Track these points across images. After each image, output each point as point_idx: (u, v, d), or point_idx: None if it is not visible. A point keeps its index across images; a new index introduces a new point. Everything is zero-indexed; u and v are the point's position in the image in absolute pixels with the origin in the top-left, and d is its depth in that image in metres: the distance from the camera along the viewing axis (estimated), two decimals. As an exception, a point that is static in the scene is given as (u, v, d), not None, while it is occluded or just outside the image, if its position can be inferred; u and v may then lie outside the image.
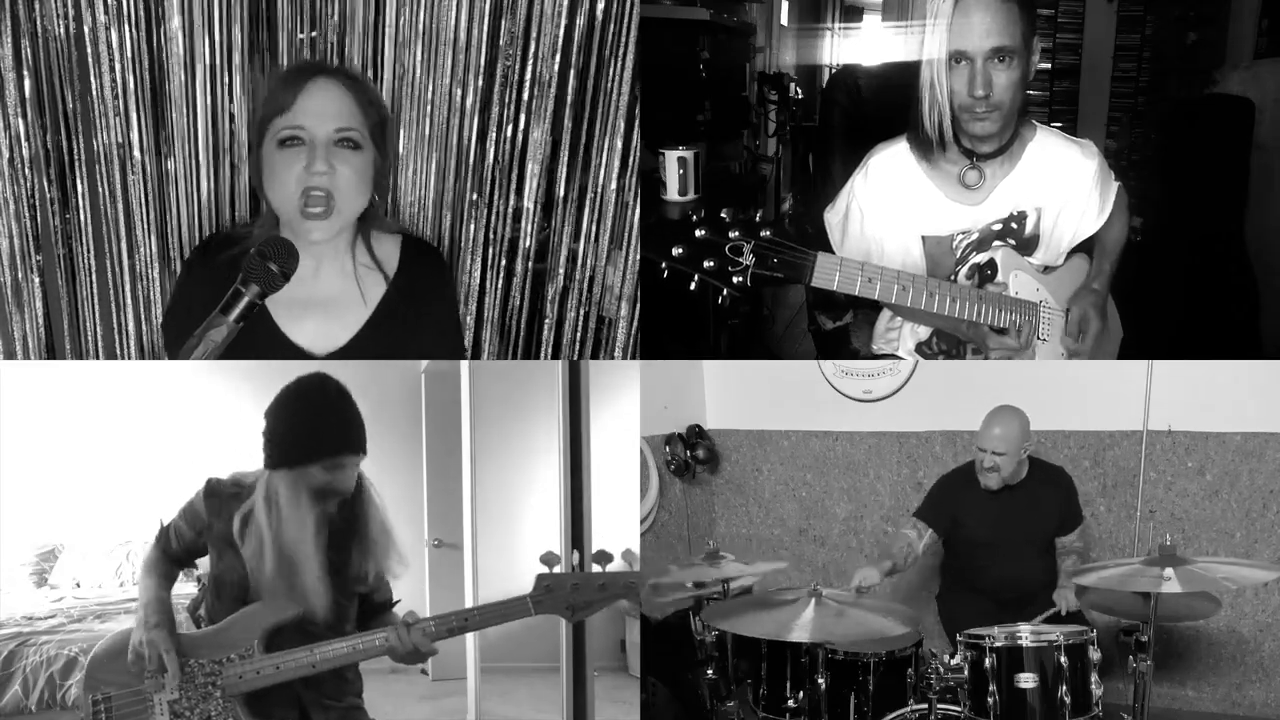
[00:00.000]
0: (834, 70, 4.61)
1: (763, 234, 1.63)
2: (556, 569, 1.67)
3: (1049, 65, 4.56)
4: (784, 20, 4.89)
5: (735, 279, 1.62)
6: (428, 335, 1.91)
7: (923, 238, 2.08)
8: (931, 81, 1.93)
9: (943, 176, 2.06)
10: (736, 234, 1.62)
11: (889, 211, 2.08)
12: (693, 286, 1.63)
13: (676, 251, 1.60)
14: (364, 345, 1.84)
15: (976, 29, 1.85)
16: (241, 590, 1.69)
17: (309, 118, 1.69)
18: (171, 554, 1.80)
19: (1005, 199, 2.08)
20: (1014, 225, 2.09)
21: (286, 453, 1.67)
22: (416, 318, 1.89)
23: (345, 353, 1.83)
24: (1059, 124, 3.31)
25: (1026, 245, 2.12)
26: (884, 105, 2.65)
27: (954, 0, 1.86)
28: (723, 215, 1.62)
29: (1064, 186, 2.10)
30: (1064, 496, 2.74)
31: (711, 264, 1.61)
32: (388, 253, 1.90)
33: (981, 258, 2.09)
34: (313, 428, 1.67)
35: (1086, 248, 2.22)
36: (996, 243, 2.09)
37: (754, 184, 3.95)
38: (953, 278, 2.09)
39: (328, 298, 1.84)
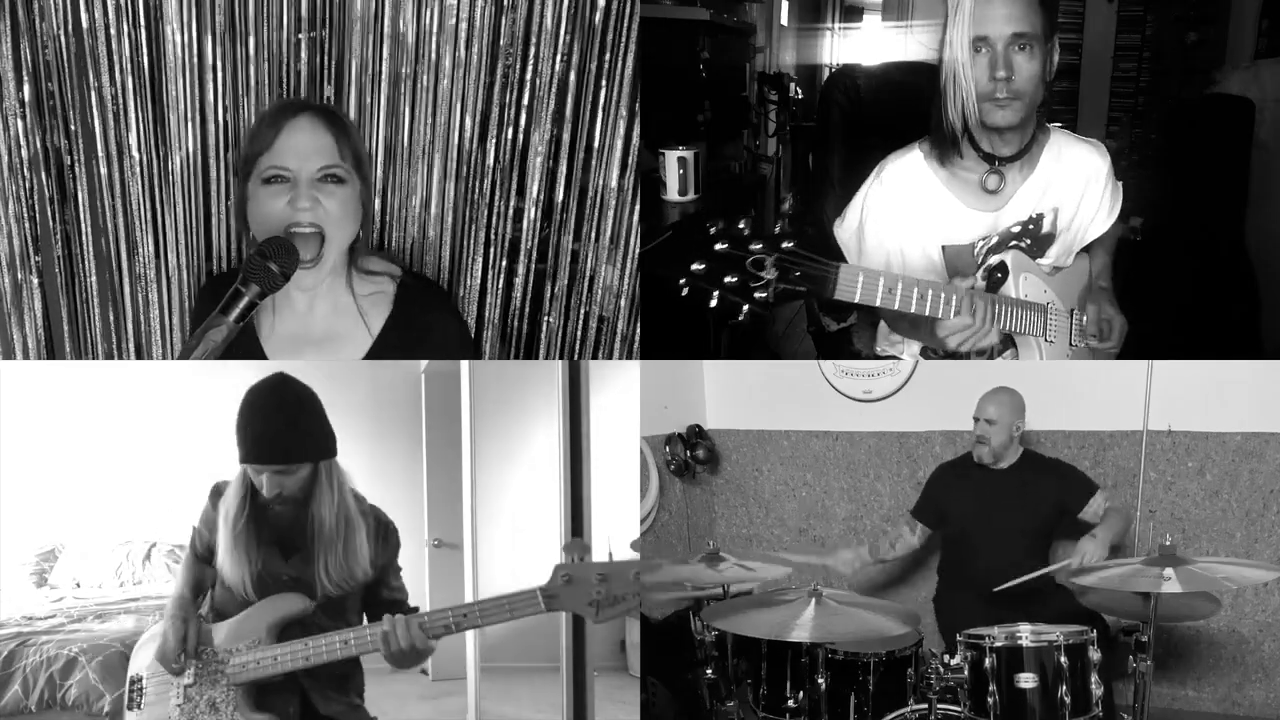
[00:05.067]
0: (832, 70, 4.60)
1: (785, 245, 1.57)
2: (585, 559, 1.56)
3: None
4: (784, 20, 4.88)
5: (758, 294, 1.55)
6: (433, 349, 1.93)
7: (943, 247, 2.06)
8: (955, 73, 1.93)
9: (961, 184, 2.05)
10: (758, 246, 1.54)
11: (908, 222, 2.05)
12: (713, 304, 1.55)
13: (696, 267, 1.53)
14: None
15: (998, 14, 1.87)
16: (256, 577, 1.74)
17: (292, 157, 1.71)
18: (200, 555, 1.86)
19: (1024, 203, 2.07)
20: (1031, 226, 2.09)
21: (241, 450, 1.72)
22: (418, 346, 1.89)
23: None
24: (1059, 124, 3.30)
25: (1041, 244, 2.12)
26: (882, 105, 2.65)
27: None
28: (740, 227, 1.55)
29: (1079, 187, 2.11)
30: (1060, 481, 2.75)
31: (733, 279, 1.53)
32: (382, 283, 1.90)
33: (993, 259, 2.08)
34: (260, 433, 1.70)
35: (1085, 246, 2.23)
36: (1012, 243, 2.09)
37: (754, 184, 3.95)
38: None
39: (325, 335, 1.84)
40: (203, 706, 1.65)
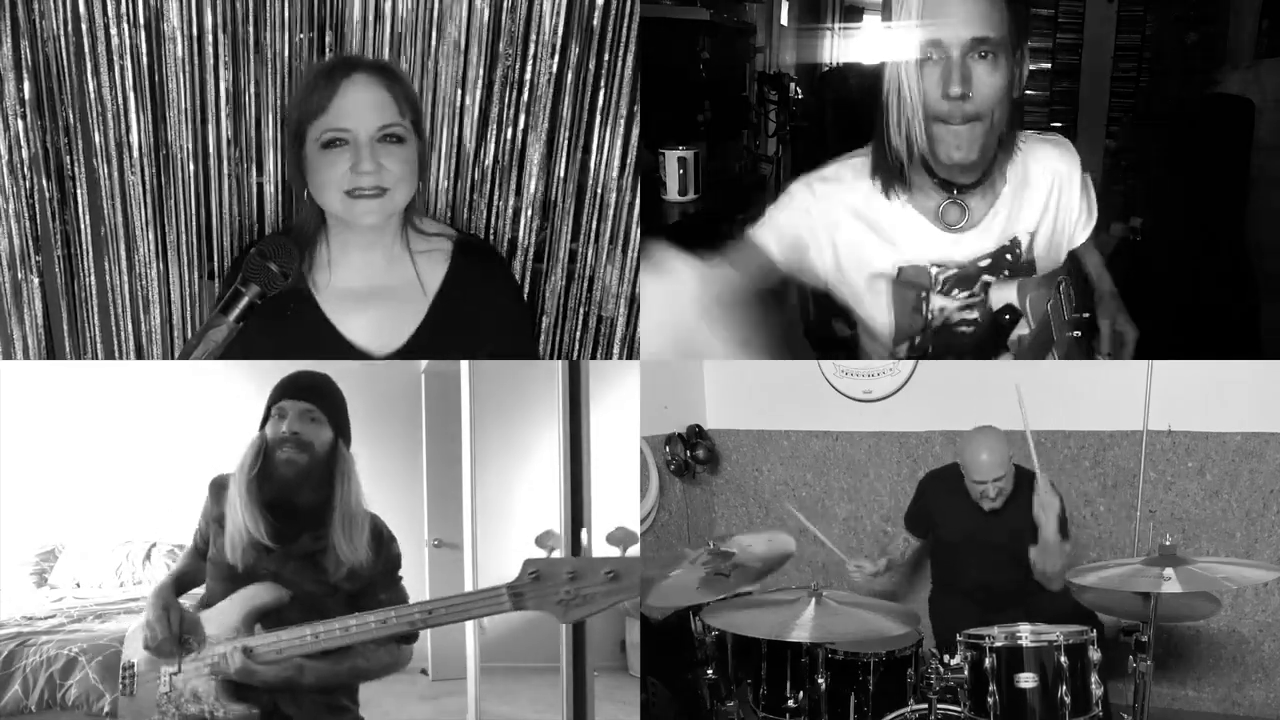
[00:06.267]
0: (823, 71, 4.58)
1: None
2: (556, 553, 1.52)
3: (1049, 64, 4.56)
4: (784, 20, 4.88)
5: None
6: (490, 327, 1.90)
7: (899, 268, 1.78)
8: (899, 84, 1.61)
9: (916, 202, 1.79)
10: None
11: (853, 236, 1.78)
12: None
13: None
14: (426, 339, 1.84)
15: (954, 12, 1.55)
16: (229, 570, 1.75)
17: (351, 119, 1.68)
18: (200, 549, 1.88)
19: (992, 229, 1.81)
20: (1007, 256, 1.83)
21: (275, 393, 1.78)
22: (477, 309, 1.87)
23: (408, 348, 1.84)
24: (1059, 124, 3.28)
25: (1022, 271, 1.85)
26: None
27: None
28: None
29: (1053, 200, 1.84)
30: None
31: None
32: (438, 242, 1.88)
33: (995, 301, 1.82)
34: (300, 374, 1.80)
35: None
36: (986, 278, 1.81)
37: (754, 184, 3.94)
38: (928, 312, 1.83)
39: (380, 290, 1.83)
40: (187, 695, 1.68)
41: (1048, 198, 1.83)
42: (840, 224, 1.79)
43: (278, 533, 1.74)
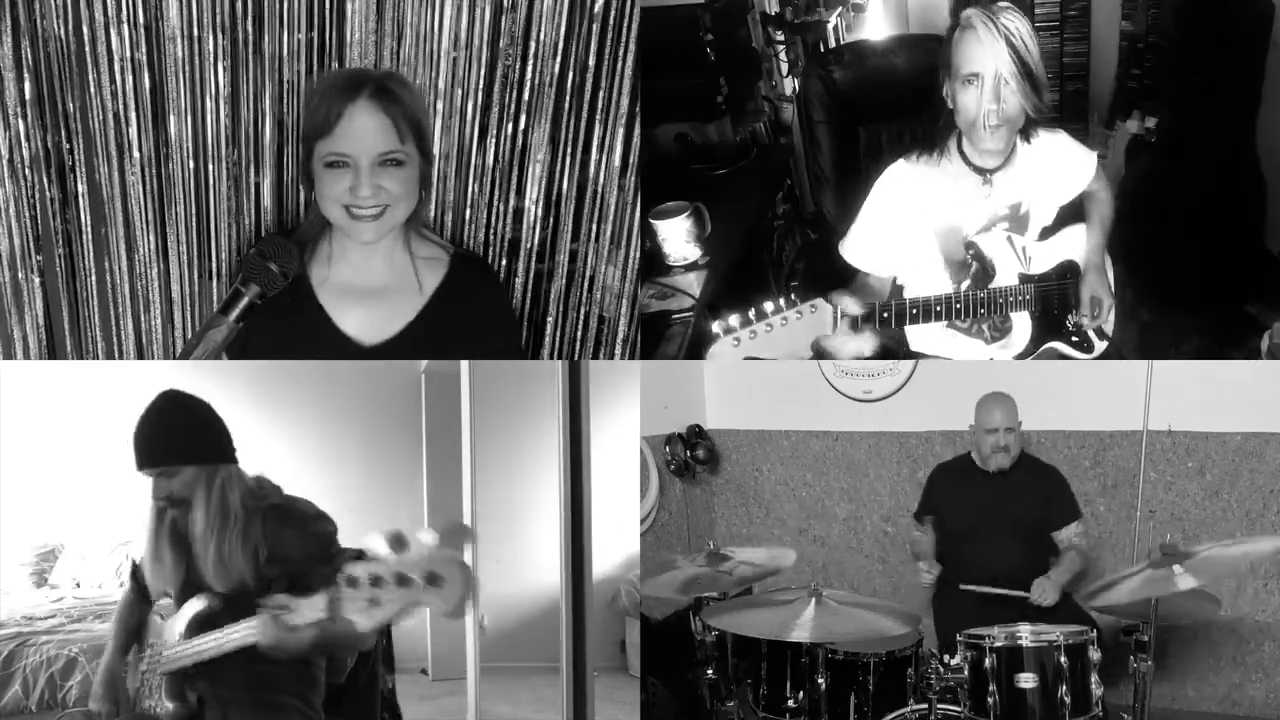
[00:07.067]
0: (802, 68, 4.43)
1: None
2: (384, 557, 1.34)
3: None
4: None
5: None
6: (481, 330, 1.96)
7: (939, 234, 2.15)
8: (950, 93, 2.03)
9: (951, 179, 2.13)
10: None
11: (909, 220, 2.14)
12: None
13: None
14: (418, 334, 1.88)
15: (987, 51, 1.96)
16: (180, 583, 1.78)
17: (352, 144, 1.73)
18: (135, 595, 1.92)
19: (1006, 192, 2.16)
20: (1011, 211, 2.17)
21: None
22: (470, 316, 1.93)
23: (399, 341, 1.86)
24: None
25: (1021, 224, 2.19)
26: (862, 88, 2.65)
27: (956, 28, 2.01)
28: None
29: (1050, 167, 2.18)
30: (1052, 487, 2.77)
31: None
32: (437, 251, 1.95)
33: (977, 264, 2.14)
34: (141, 439, 1.71)
35: (1083, 217, 2.27)
36: (995, 227, 2.16)
37: (781, 160, 3.72)
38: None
39: (378, 287, 1.88)
40: (145, 691, 1.78)
41: (1045, 168, 2.17)
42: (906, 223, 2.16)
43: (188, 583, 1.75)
